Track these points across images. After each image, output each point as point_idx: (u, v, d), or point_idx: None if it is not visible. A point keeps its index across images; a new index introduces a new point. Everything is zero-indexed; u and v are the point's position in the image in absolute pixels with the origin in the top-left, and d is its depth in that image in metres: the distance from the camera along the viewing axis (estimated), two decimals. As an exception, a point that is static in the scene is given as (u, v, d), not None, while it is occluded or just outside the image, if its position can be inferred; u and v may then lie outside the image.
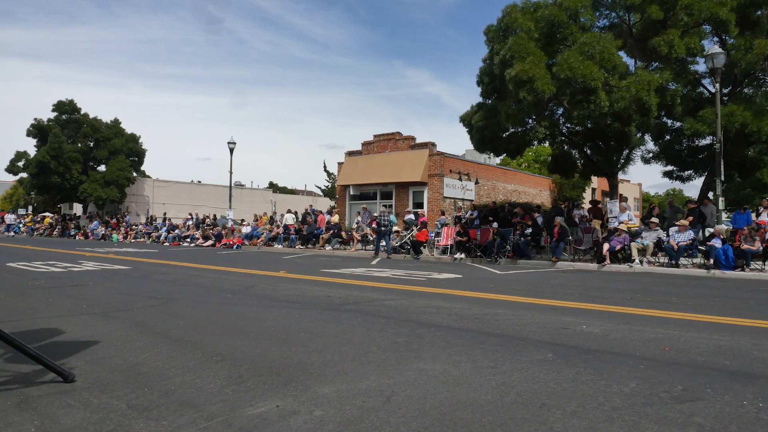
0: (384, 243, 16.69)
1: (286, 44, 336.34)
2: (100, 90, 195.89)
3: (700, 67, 18.47)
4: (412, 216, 19.23)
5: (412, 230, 17.18)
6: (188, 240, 25.07)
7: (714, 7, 15.20)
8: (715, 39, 17.15)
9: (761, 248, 11.67)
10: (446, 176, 24.60)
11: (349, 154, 27.98)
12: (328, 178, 41.22)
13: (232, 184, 30.66)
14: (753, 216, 14.21)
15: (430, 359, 3.52)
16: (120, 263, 12.06)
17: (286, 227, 22.02)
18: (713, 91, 15.07)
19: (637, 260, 12.72)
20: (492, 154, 23.52)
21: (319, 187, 46.34)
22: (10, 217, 34.85)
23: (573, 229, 15.15)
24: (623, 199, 16.03)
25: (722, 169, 14.37)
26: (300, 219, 23.19)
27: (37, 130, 37.40)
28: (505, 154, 22.70)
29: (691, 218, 13.86)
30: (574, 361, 3.52)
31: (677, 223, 13.10)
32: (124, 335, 4.21)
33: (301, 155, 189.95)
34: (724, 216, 14.70)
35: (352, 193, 27.20)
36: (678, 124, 18.92)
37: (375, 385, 2.92)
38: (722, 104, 15.52)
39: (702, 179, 19.99)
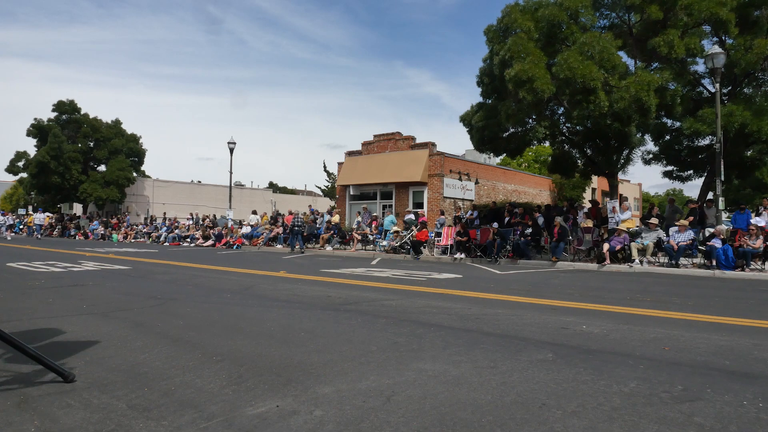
0: (298, 242, 19.11)
1: (286, 44, 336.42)
2: (100, 90, 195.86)
3: (700, 67, 18.47)
4: (412, 216, 19.23)
5: (412, 230, 17.18)
6: (188, 240, 25.07)
7: (714, 7, 15.19)
8: (715, 39, 17.14)
9: (762, 248, 11.68)
10: (446, 176, 24.59)
11: (349, 154, 27.97)
12: (328, 178, 41.17)
13: (232, 184, 30.66)
14: (753, 216, 14.19)
15: (430, 359, 3.52)
16: (120, 263, 12.06)
17: (285, 226, 22.03)
18: (713, 91, 15.07)
19: (637, 260, 12.72)
20: (492, 154, 23.50)
21: (319, 187, 46.28)
22: (39, 216, 30.03)
23: (573, 229, 15.14)
24: (623, 198, 16.01)
25: (722, 169, 14.36)
26: (271, 220, 23.79)
27: (37, 130, 37.38)
28: (505, 154, 22.68)
29: (691, 218, 13.85)
30: (574, 361, 3.52)
31: (677, 223, 13.10)
32: (124, 335, 4.21)
33: (301, 155, 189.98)
34: (724, 216, 14.70)
35: (352, 193, 27.18)
36: (678, 124, 18.92)
37: (375, 385, 2.92)
38: (722, 104, 15.51)
39: (702, 179, 20.00)
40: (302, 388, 2.85)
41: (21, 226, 34.89)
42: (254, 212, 25.58)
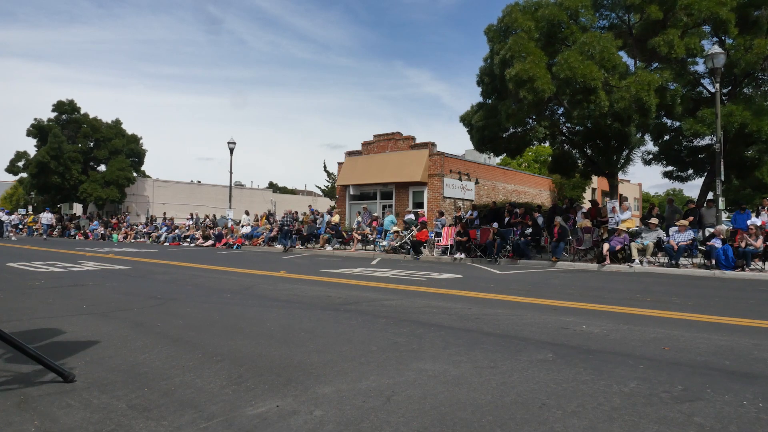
0: (287, 240, 19.88)
1: (286, 44, 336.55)
2: (100, 90, 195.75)
3: (700, 67, 18.46)
4: (412, 216, 19.21)
5: (412, 230, 17.18)
6: (188, 240, 25.07)
7: (714, 7, 15.19)
8: (715, 39, 17.13)
9: (762, 248, 11.68)
10: (446, 176, 24.58)
11: (349, 154, 27.96)
12: (328, 178, 41.16)
13: (232, 184, 30.66)
14: (753, 216, 14.19)
15: (430, 359, 3.52)
16: (120, 263, 12.06)
17: (282, 227, 21.96)
18: (713, 91, 15.07)
19: (637, 260, 12.72)
20: (492, 154, 23.49)
21: (319, 187, 46.28)
22: (46, 216, 29.58)
23: (573, 229, 15.14)
24: (623, 198, 16.00)
25: (722, 169, 14.36)
26: (265, 218, 24.54)
27: (37, 130, 37.38)
28: (505, 154, 22.67)
29: (692, 218, 13.86)
30: (574, 361, 3.52)
31: (677, 223, 13.10)
32: (124, 335, 4.21)
33: (301, 155, 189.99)
34: (724, 216, 14.69)
35: (352, 193, 27.17)
36: (678, 124, 18.92)
37: (375, 385, 2.92)
38: (722, 104, 15.51)
39: (702, 179, 19.99)
40: (302, 388, 2.85)
41: (21, 226, 34.86)
42: (247, 212, 25.73)
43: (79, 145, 38.23)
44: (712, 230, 12.94)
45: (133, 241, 27.67)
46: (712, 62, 14.29)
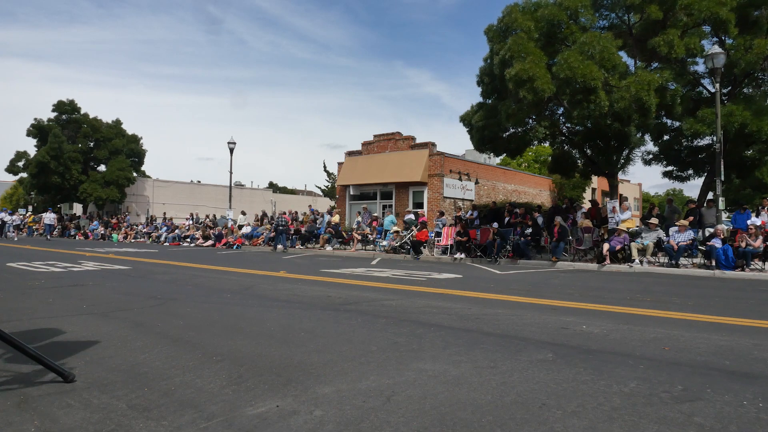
0: (281, 242, 19.75)
1: (286, 44, 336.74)
2: (100, 90, 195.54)
3: (700, 67, 18.45)
4: (412, 216, 19.21)
5: (412, 230, 17.18)
6: (188, 240, 25.07)
7: (714, 7, 15.18)
8: (715, 39, 17.13)
9: (762, 247, 11.68)
10: (446, 176, 24.58)
11: (349, 154, 27.96)
12: (328, 178, 41.15)
13: (232, 184, 30.67)
14: (753, 216, 14.19)
15: (430, 359, 3.52)
16: (120, 263, 12.06)
17: (276, 227, 21.93)
18: (713, 91, 15.06)
19: (637, 260, 12.72)
20: (492, 154, 23.49)
21: (319, 187, 46.26)
22: (49, 216, 29.67)
23: (573, 229, 15.14)
24: (623, 198, 15.99)
25: (722, 169, 14.36)
26: (259, 219, 24.88)
27: (37, 130, 37.38)
28: (505, 154, 22.65)
29: (692, 218, 13.86)
30: (574, 361, 3.52)
31: (678, 223, 13.10)
32: (124, 335, 4.21)
33: (301, 155, 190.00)
34: (724, 216, 14.69)
35: (352, 193, 27.18)
36: (678, 124, 18.91)
37: (375, 385, 2.92)
38: (722, 104, 15.50)
39: (702, 179, 19.99)
40: (302, 388, 2.85)
41: (21, 227, 34.83)
42: (243, 212, 25.99)
43: (79, 145, 38.23)
44: (712, 230, 12.94)
45: (133, 241, 27.67)
46: (712, 62, 14.28)
